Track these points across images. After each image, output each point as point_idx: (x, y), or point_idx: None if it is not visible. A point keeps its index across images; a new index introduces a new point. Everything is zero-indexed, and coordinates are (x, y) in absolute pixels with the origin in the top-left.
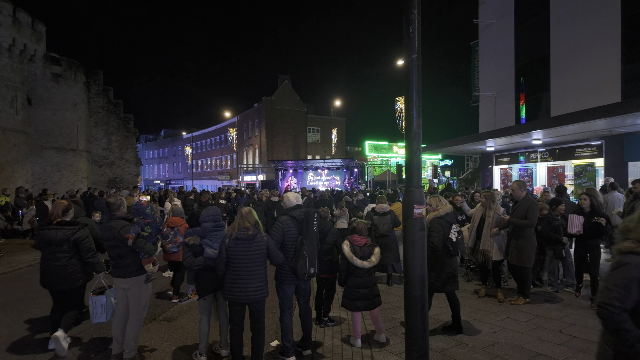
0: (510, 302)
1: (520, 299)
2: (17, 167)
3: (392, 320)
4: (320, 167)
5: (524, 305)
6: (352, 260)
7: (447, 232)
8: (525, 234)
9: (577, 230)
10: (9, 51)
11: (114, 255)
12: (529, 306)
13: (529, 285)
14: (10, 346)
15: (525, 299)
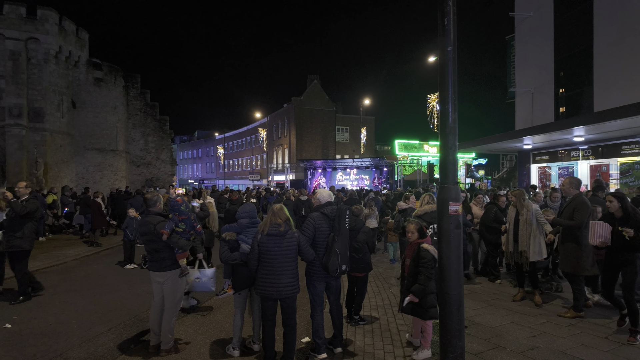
0: (557, 314)
1: (570, 312)
2: (62, 167)
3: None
4: (349, 166)
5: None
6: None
7: None
8: (574, 236)
9: (601, 240)
10: (55, 58)
11: (150, 249)
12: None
13: (579, 296)
14: (57, 335)
15: (577, 312)
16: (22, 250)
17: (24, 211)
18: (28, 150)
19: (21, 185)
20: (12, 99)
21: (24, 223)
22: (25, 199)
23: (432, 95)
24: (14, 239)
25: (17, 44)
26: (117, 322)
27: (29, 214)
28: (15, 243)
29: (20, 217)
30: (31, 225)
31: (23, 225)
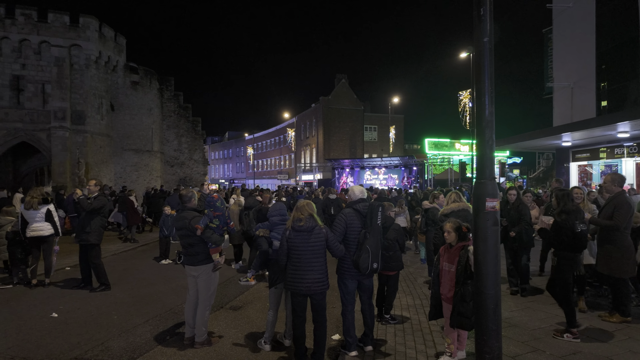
0: (600, 317)
1: (616, 317)
2: (102, 167)
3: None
4: (378, 165)
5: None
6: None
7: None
8: (614, 237)
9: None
10: (96, 63)
11: (185, 244)
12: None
13: (624, 300)
14: (98, 325)
15: (624, 317)
16: (91, 244)
17: (90, 207)
18: (71, 151)
19: (91, 183)
20: (57, 102)
21: (91, 219)
22: (94, 196)
23: (464, 92)
24: (83, 233)
25: (61, 50)
26: (154, 315)
27: (95, 210)
28: (84, 237)
29: (88, 213)
30: (99, 221)
31: (91, 221)
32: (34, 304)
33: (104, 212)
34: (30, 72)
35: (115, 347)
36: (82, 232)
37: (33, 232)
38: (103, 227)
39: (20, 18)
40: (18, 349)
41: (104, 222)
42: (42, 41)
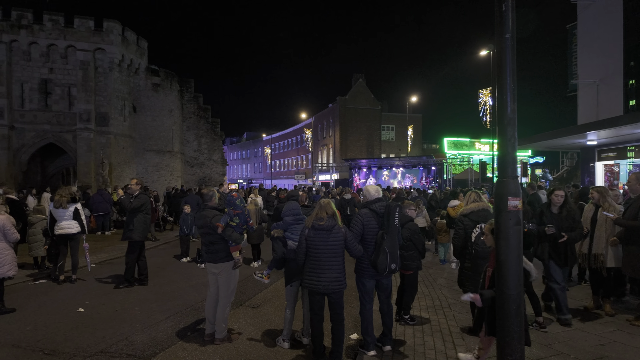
0: (629, 322)
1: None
2: (125, 167)
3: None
4: (395, 165)
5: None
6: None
7: (469, 232)
8: (637, 238)
9: None
10: (119, 66)
11: (207, 241)
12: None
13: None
14: (122, 320)
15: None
16: (133, 241)
17: (131, 206)
18: (95, 151)
19: (133, 182)
20: (82, 105)
21: (134, 217)
22: (136, 195)
23: (485, 90)
24: (127, 231)
25: (86, 54)
26: (175, 311)
27: (136, 209)
28: (127, 235)
29: (130, 211)
30: (141, 218)
31: (134, 219)
32: (62, 299)
33: (145, 210)
34: (58, 75)
35: (139, 342)
36: (126, 230)
37: (61, 230)
38: (146, 225)
39: (48, 24)
40: (47, 341)
41: (147, 219)
42: (68, 45)
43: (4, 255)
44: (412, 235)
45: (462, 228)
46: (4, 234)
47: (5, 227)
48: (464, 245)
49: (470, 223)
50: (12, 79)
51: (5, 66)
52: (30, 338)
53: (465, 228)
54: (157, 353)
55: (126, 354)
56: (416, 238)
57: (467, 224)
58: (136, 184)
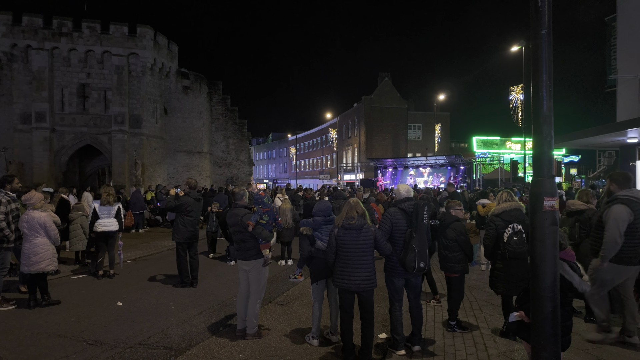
0: None
1: None
2: (156, 167)
3: None
4: (422, 164)
5: None
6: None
7: (500, 232)
8: None
9: None
10: (151, 70)
11: (238, 239)
12: None
13: None
14: (158, 314)
15: None
16: (176, 242)
17: (166, 206)
18: (129, 152)
19: (186, 182)
20: (117, 108)
21: (177, 217)
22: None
23: (516, 87)
24: (174, 232)
25: (121, 59)
26: (207, 307)
27: (174, 209)
28: (174, 235)
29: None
30: (179, 219)
31: (177, 219)
32: (102, 292)
33: (185, 211)
34: (94, 80)
35: (174, 336)
36: (174, 230)
37: (103, 227)
38: (185, 226)
39: (86, 30)
40: (90, 332)
41: (186, 220)
42: (104, 51)
43: (44, 251)
44: (458, 236)
45: (493, 228)
46: (45, 230)
47: (46, 223)
48: (495, 246)
49: (502, 223)
50: (54, 84)
51: (47, 72)
52: (74, 329)
53: (497, 228)
54: (192, 346)
55: (163, 347)
56: (462, 239)
57: (499, 224)
58: (186, 184)
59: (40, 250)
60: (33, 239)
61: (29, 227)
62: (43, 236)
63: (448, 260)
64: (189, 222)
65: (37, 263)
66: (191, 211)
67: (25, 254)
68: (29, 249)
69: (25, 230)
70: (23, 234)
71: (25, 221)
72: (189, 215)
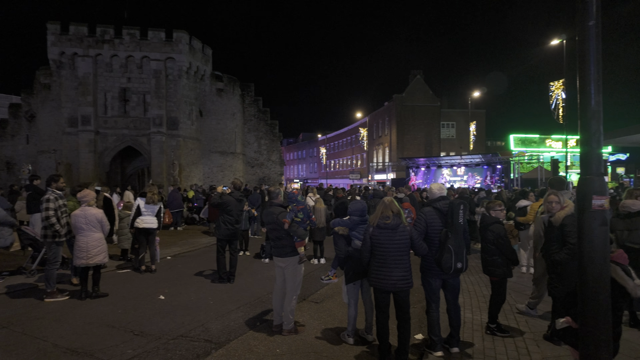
0: None
1: None
2: (193, 167)
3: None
4: (457, 163)
5: None
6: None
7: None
8: None
9: None
10: (187, 73)
11: (274, 237)
12: None
13: None
14: (197, 308)
15: None
16: (217, 238)
17: (212, 202)
18: (167, 153)
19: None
20: (155, 110)
21: (218, 215)
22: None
23: (556, 82)
24: (216, 228)
25: (158, 63)
26: (244, 302)
27: (215, 207)
28: (215, 232)
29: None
30: (220, 217)
31: (219, 217)
32: (144, 287)
33: (226, 210)
34: (134, 84)
35: (214, 329)
36: (215, 227)
37: (145, 224)
38: (224, 224)
39: (127, 37)
40: (135, 324)
41: (226, 219)
42: (143, 56)
43: (101, 244)
44: (497, 239)
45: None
46: (101, 225)
47: (103, 219)
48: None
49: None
50: (97, 89)
51: (92, 78)
52: (121, 320)
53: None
54: (231, 340)
55: (203, 339)
56: (501, 242)
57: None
58: (230, 183)
59: (98, 244)
60: (90, 233)
61: (87, 222)
62: (99, 231)
63: (487, 264)
64: (228, 220)
65: (95, 256)
66: (231, 210)
67: (82, 247)
68: (87, 243)
69: (82, 225)
70: (79, 229)
71: (83, 217)
72: (229, 214)
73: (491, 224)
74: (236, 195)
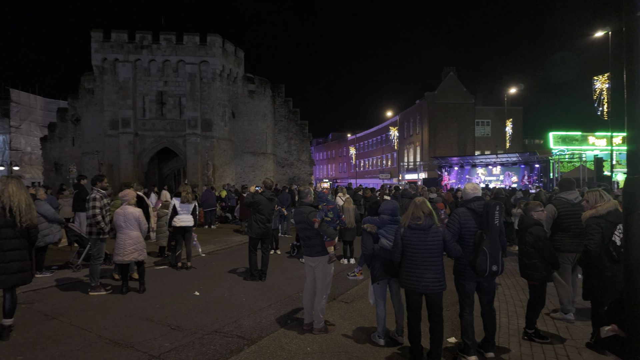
0: None
1: None
2: (225, 168)
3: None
4: (492, 163)
5: None
6: None
7: (607, 235)
8: None
9: None
10: (220, 76)
11: (304, 236)
12: None
13: None
14: (231, 304)
15: None
16: (249, 236)
17: (245, 202)
18: (201, 154)
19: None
20: (190, 112)
21: (251, 214)
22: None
23: (601, 77)
24: (248, 227)
25: (193, 67)
26: (275, 300)
27: (247, 205)
28: (248, 230)
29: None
30: (253, 217)
31: (251, 216)
32: (180, 283)
33: (257, 209)
34: (170, 87)
35: (246, 326)
36: (248, 226)
37: (181, 222)
38: (255, 222)
39: (163, 42)
40: (172, 318)
41: (258, 217)
42: (179, 60)
43: (138, 242)
44: (537, 242)
45: (599, 231)
46: (139, 224)
47: (141, 218)
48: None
49: (609, 225)
50: (136, 93)
51: (131, 82)
52: (159, 314)
53: (603, 232)
54: (263, 337)
55: (237, 335)
56: (541, 245)
57: (606, 226)
58: (262, 183)
59: (134, 242)
60: (128, 231)
61: (125, 220)
62: (137, 229)
63: (525, 267)
64: (260, 219)
65: (130, 253)
66: (263, 209)
67: (120, 244)
68: (124, 240)
69: (121, 223)
70: (119, 227)
71: (122, 215)
72: (260, 213)
73: (531, 226)
74: (267, 194)
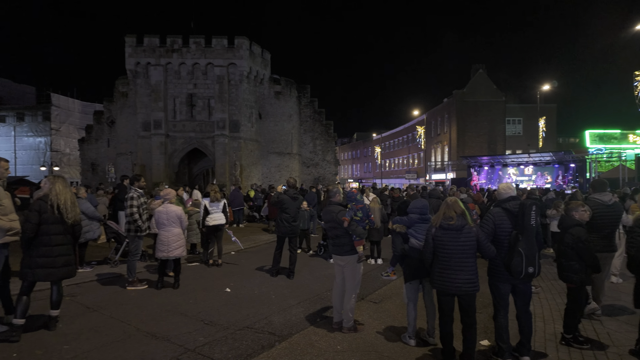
0: None
1: None
2: (252, 168)
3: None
4: (524, 162)
5: None
6: None
7: None
8: None
9: None
10: (247, 78)
11: (333, 235)
12: None
13: None
14: (261, 302)
15: None
16: (277, 235)
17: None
18: (229, 155)
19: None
20: (219, 114)
21: (278, 213)
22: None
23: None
24: (276, 226)
25: (221, 69)
26: (304, 298)
27: (273, 204)
28: (276, 229)
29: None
30: (279, 216)
31: (278, 215)
32: (212, 279)
33: (282, 208)
34: (200, 89)
35: (277, 322)
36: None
37: (214, 221)
38: (281, 221)
39: (193, 46)
40: (205, 313)
41: (283, 217)
42: (207, 63)
43: (181, 239)
44: (576, 243)
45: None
46: (180, 221)
47: (182, 216)
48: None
49: None
50: (167, 95)
51: (163, 85)
52: (193, 309)
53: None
54: (293, 334)
55: (267, 332)
56: (580, 246)
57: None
58: (286, 182)
59: (177, 239)
60: (171, 228)
61: (168, 218)
62: (179, 227)
63: (563, 269)
64: (286, 218)
65: (175, 249)
66: (287, 208)
67: (164, 241)
68: (168, 237)
69: (164, 220)
70: (161, 224)
71: (165, 213)
72: (285, 212)
73: (572, 227)
74: (290, 193)
